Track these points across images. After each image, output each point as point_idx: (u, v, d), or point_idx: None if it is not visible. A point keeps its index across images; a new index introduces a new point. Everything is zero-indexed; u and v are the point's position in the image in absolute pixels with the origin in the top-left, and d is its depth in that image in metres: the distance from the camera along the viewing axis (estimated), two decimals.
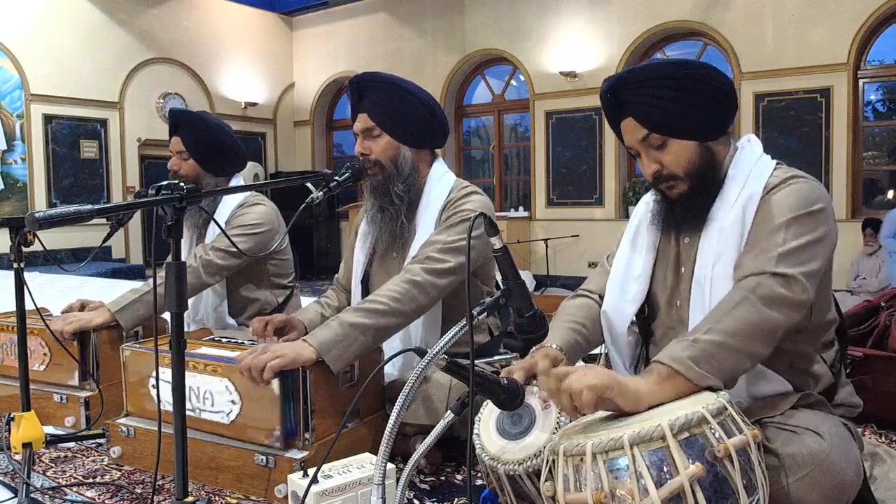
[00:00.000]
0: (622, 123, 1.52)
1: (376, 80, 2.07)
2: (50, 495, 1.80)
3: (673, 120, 1.46)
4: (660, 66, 1.53)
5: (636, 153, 1.54)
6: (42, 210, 1.28)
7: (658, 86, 1.46)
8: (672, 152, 1.48)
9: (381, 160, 2.06)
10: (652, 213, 1.61)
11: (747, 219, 1.45)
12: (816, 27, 7.38)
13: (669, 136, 1.47)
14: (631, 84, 1.48)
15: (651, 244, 1.62)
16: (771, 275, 1.35)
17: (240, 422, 1.82)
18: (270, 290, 2.70)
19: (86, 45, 9.24)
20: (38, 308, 2.08)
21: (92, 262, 8.46)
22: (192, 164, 2.60)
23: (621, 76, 1.50)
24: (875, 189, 7.90)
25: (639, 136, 1.49)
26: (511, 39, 9.28)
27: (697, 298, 1.49)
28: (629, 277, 1.62)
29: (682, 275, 1.57)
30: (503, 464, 1.41)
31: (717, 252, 1.46)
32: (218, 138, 2.61)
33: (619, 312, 1.61)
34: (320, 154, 11.63)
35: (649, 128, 1.47)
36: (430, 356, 1.25)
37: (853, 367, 2.28)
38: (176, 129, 2.62)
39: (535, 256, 9.18)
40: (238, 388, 1.81)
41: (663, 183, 1.52)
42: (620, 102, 1.50)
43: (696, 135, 1.48)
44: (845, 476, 1.30)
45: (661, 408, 1.25)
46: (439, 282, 1.95)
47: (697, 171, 1.49)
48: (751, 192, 1.46)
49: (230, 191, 1.90)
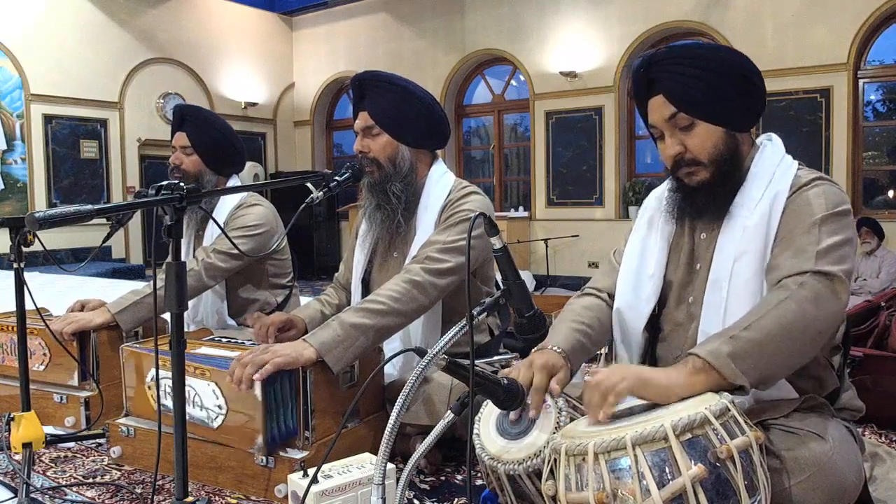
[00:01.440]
0: (650, 101, 1.50)
1: (377, 80, 2.07)
2: (50, 495, 1.80)
3: (703, 101, 1.44)
4: (696, 46, 1.51)
5: (659, 134, 1.51)
6: (42, 210, 1.28)
7: (692, 65, 1.45)
8: (698, 135, 1.46)
9: (380, 158, 2.06)
10: (667, 204, 1.58)
11: (773, 218, 1.43)
12: (816, 27, 7.37)
13: (697, 117, 1.45)
14: (665, 61, 1.47)
15: (665, 240, 1.59)
16: (813, 273, 1.32)
17: (226, 426, 1.80)
18: (270, 291, 2.70)
19: (86, 45, 9.23)
20: (38, 308, 2.08)
21: (92, 262, 8.46)
22: (195, 159, 2.60)
23: (656, 52, 1.49)
24: (875, 189, 7.89)
25: (666, 114, 1.47)
26: (511, 39, 9.28)
27: (713, 295, 1.47)
28: (643, 276, 1.59)
29: (696, 271, 1.54)
30: (503, 464, 1.41)
31: (739, 250, 1.44)
32: (224, 136, 2.63)
33: (633, 311, 1.58)
34: (320, 154, 11.63)
35: (678, 106, 1.45)
36: (430, 356, 1.25)
37: (853, 367, 2.28)
38: (181, 125, 2.62)
39: (535, 256, 9.18)
40: (224, 392, 1.79)
41: (684, 168, 1.49)
42: (651, 79, 1.48)
43: (724, 121, 1.46)
44: (847, 479, 1.29)
45: (664, 408, 1.24)
46: (439, 282, 1.95)
47: (721, 159, 1.46)
48: (776, 191, 1.45)
49: (230, 191, 1.90)
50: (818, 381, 1.49)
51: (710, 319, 1.45)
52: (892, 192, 7.82)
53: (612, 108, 8.58)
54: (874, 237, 6.39)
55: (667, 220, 1.60)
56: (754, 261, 1.43)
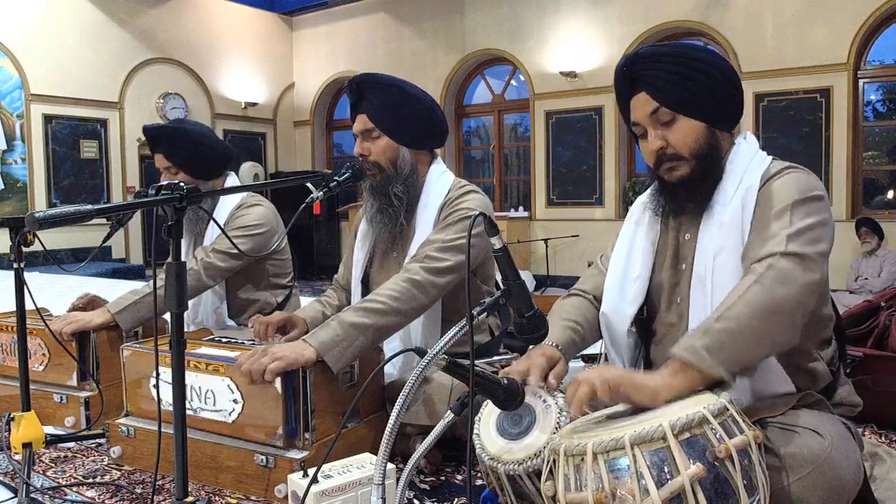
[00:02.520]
0: (633, 100, 1.53)
1: (375, 82, 2.07)
2: (50, 495, 1.80)
3: (684, 96, 1.47)
4: (676, 45, 1.56)
5: (642, 132, 1.53)
6: (42, 210, 1.28)
7: (673, 62, 1.48)
8: (679, 130, 1.49)
9: (380, 161, 2.06)
10: (651, 204, 1.60)
11: (746, 211, 1.45)
12: (816, 27, 7.37)
13: (679, 112, 1.48)
14: (647, 58, 1.50)
15: (650, 243, 1.62)
16: (781, 255, 1.33)
17: (241, 421, 1.82)
18: (270, 291, 2.70)
19: (86, 45, 9.23)
20: (38, 308, 2.08)
21: (92, 262, 8.46)
22: (182, 176, 2.56)
23: (638, 52, 1.52)
24: (875, 189, 7.89)
25: (648, 110, 1.49)
26: (511, 39, 9.28)
27: (698, 292, 1.49)
28: (628, 279, 1.62)
29: (682, 271, 1.56)
30: (503, 464, 1.41)
31: (717, 245, 1.46)
32: (199, 145, 2.56)
33: (618, 314, 1.60)
34: (320, 154, 11.63)
35: (660, 101, 1.48)
36: (430, 356, 1.25)
37: (853, 367, 2.28)
38: (155, 146, 2.58)
39: (535, 256, 9.18)
40: (240, 387, 1.81)
41: (665, 163, 1.51)
42: (633, 78, 1.51)
43: (704, 115, 1.49)
44: (846, 476, 1.29)
45: (662, 408, 1.25)
46: (439, 280, 1.95)
47: (702, 154, 1.49)
48: (748, 185, 1.47)
49: (230, 191, 1.90)
50: (810, 374, 1.49)
51: (698, 317, 1.46)
52: (892, 192, 7.82)
53: (612, 108, 8.57)
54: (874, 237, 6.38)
55: (652, 222, 1.62)
56: (733, 256, 1.44)
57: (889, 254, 6.32)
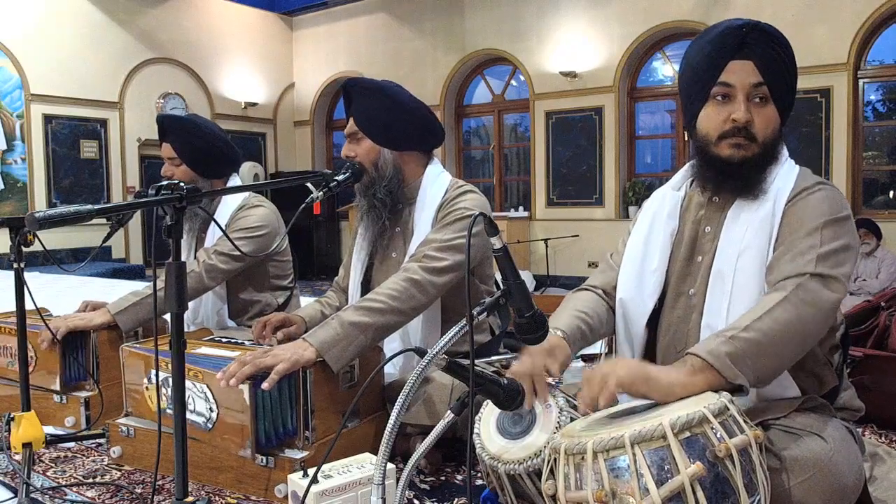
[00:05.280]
0: (734, 62, 1.49)
1: (361, 86, 2.12)
2: (50, 495, 1.80)
3: (783, 87, 1.50)
4: (779, 32, 1.56)
5: (723, 94, 1.50)
6: (42, 210, 1.28)
7: (784, 51, 1.51)
8: (766, 114, 1.50)
9: (364, 163, 2.11)
10: (700, 178, 1.59)
11: (776, 217, 1.47)
12: (816, 27, 7.37)
13: (773, 97, 1.50)
14: (766, 32, 1.50)
15: (668, 236, 1.61)
16: (811, 276, 1.36)
17: (218, 428, 1.80)
18: (270, 292, 2.70)
19: (86, 45, 9.23)
20: (38, 308, 2.08)
21: (92, 262, 8.46)
22: (184, 169, 2.57)
23: (761, 24, 1.52)
24: (875, 189, 7.89)
25: (753, 81, 1.49)
26: (511, 39, 9.28)
27: (716, 288, 1.49)
28: (646, 271, 1.61)
29: (696, 263, 1.56)
30: (503, 463, 1.41)
31: (744, 244, 1.47)
32: (208, 142, 2.58)
33: (637, 306, 1.60)
34: (320, 154, 11.62)
35: (766, 80, 1.49)
36: (430, 356, 1.25)
37: (853, 367, 2.28)
38: (165, 136, 2.59)
39: (535, 256, 9.18)
40: (215, 395, 1.79)
41: (736, 137, 1.49)
42: (745, 43, 1.49)
43: (783, 110, 1.52)
44: (847, 480, 1.30)
45: (662, 407, 1.25)
46: (437, 280, 1.95)
47: (770, 145, 1.51)
48: (778, 188, 1.49)
49: (231, 191, 1.91)
50: (817, 378, 1.50)
51: (713, 314, 1.47)
52: (892, 192, 7.81)
53: (611, 108, 8.58)
54: (873, 238, 6.38)
55: (672, 213, 1.62)
56: (758, 256, 1.45)
57: (887, 255, 6.32)
